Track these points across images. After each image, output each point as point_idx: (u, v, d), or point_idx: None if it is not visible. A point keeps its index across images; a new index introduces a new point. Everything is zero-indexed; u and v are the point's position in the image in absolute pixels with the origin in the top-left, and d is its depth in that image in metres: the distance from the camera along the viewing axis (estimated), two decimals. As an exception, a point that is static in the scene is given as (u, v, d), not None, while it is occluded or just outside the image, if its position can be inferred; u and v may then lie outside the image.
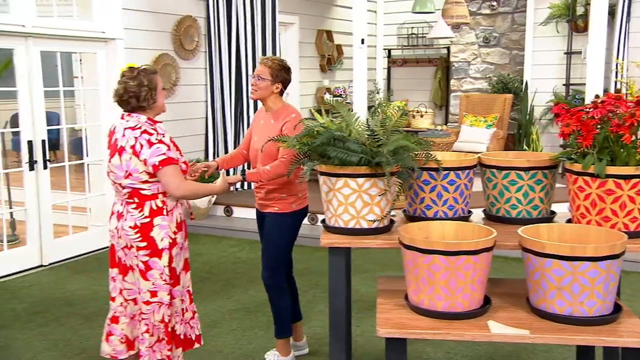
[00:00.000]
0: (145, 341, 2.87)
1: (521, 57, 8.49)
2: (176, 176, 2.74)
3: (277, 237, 3.23)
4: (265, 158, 3.15)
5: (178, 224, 2.85)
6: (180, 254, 2.89)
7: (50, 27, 5.09)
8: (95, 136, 5.72)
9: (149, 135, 2.70)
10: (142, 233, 2.75)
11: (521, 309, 2.21)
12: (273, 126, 3.16)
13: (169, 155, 2.70)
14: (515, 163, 2.57)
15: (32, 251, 5.11)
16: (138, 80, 2.75)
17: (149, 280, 2.80)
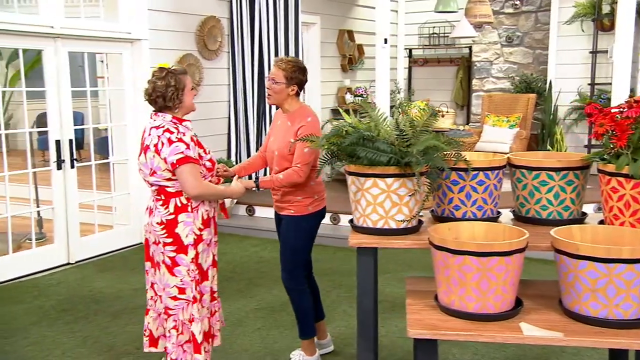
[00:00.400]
0: (172, 337, 2.90)
1: (545, 56, 8.40)
2: (192, 175, 2.76)
3: (293, 240, 3.23)
4: (280, 160, 3.16)
5: (204, 220, 2.88)
6: (208, 250, 2.92)
7: (77, 28, 5.16)
8: (121, 136, 5.79)
9: (169, 134, 2.76)
10: (167, 229, 2.81)
11: (553, 311, 2.19)
12: (289, 129, 3.13)
13: (186, 154, 2.74)
14: (546, 163, 2.54)
15: (60, 249, 5.18)
16: (166, 81, 2.81)
17: (177, 277, 2.84)
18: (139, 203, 5.82)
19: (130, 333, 3.79)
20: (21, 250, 5.08)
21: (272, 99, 3.16)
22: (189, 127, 2.91)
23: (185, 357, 2.92)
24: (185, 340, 2.92)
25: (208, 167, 2.88)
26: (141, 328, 3.82)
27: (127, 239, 5.77)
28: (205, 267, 2.92)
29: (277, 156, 3.16)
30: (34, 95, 5.17)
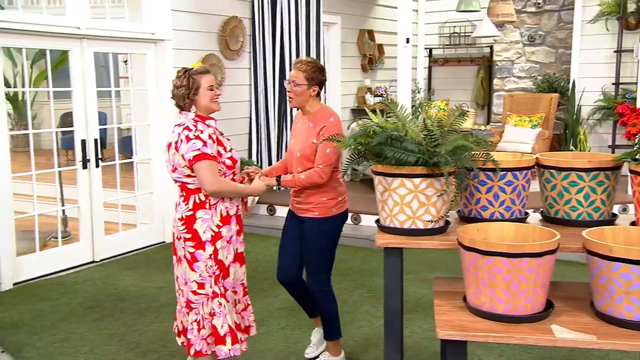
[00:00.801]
0: (194, 331, 2.95)
1: (567, 55, 8.31)
2: (209, 171, 2.80)
3: (317, 242, 3.21)
4: (303, 161, 3.15)
5: (224, 217, 2.90)
6: (228, 246, 2.93)
7: (103, 29, 5.22)
8: (144, 135, 5.84)
9: (188, 132, 2.82)
10: (187, 225, 2.87)
11: (585, 314, 2.16)
12: (311, 130, 3.12)
13: (203, 151, 2.78)
14: (576, 164, 2.51)
15: (85, 248, 5.25)
16: (180, 81, 2.88)
17: (196, 272, 2.89)
18: (162, 202, 5.88)
19: (155, 331, 3.83)
20: (47, 249, 5.15)
21: (293, 101, 3.14)
22: (212, 125, 2.94)
23: (210, 349, 2.97)
24: (207, 334, 2.96)
25: (228, 164, 2.90)
26: (166, 326, 3.87)
27: (150, 238, 5.83)
28: (227, 263, 2.94)
29: (299, 157, 3.17)
30: (57, 95, 5.24)
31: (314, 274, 3.25)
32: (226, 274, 2.94)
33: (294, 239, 3.32)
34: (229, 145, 2.97)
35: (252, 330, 3.13)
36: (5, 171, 4.55)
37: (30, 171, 5.02)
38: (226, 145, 2.94)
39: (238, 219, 3.00)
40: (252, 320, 3.13)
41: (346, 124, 8.36)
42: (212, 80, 2.93)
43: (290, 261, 3.32)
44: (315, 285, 3.26)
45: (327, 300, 3.29)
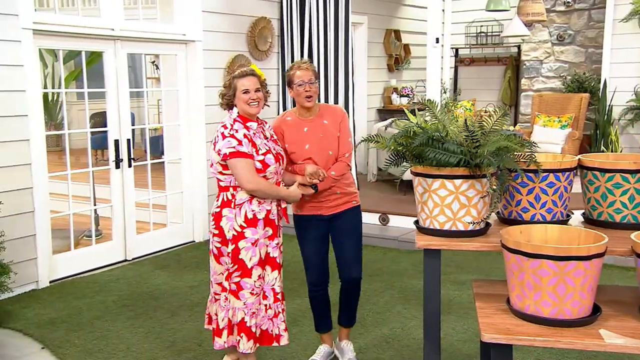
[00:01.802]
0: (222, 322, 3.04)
1: (598, 55, 8.18)
2: (246, 169, 2.87)
3: (360, 229, 3.34)
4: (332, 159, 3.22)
5: (249, 219, 2.93)
6: (253, 248, 2.96)
7: (136, 30, 5.28)
8: (174, 136, 5.89)
9: (224, 129, 2.94)
10: (215, 221, 2.98)
11: (633, 318, 2.13)
12: (328, 126, 3.20)
13: (239, 149, 2.86)
14: (621, 165, 2.48)
15: (118, 246, 5.32)
16: (224, 83, 3.03)
17: (222, 266, 3.01)
18: (191, 202, 5.93)
19: (189, 330, 3.86)
20: (80, 247, 5.23)
21: (313, 100, 3.18)
22: (252, 127, 2.99)
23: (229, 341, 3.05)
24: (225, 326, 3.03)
25: (258, 167, 2.93)
26: (200, 325, 3.90)
27: (180, 238, 5.88)
28: (250, 265, 2.97)
29: (332, 156, 3.20)
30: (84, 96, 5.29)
31: (358, 260, 3.33)
32: (246, 274, 2.97)
33: (324, 242, 3.34)
34: (265, 148, 2.97)
35: (283, 340, 3.13)
36: (43, 171, 4.62)
37: (65, 170, 5.09)
38: (260, 149, 2.95)
39: (270, 223, 3.01)
40: (284, 329, 3.13)
41: (371, 125, 8.35)
42: (249, 84, 2.94)
43: (325, 264, 3.37)
44: (361, 273, 3.34)
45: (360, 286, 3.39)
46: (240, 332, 2.99)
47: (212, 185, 6.00)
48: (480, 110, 8.22)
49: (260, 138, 2.99)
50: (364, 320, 3.97)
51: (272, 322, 3.11)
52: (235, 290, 2.98)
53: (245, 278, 2.97)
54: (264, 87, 3.04)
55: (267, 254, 3.02)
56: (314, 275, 3.35)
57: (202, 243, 5.92)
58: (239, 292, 2.98)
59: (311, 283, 3.37)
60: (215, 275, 3.06)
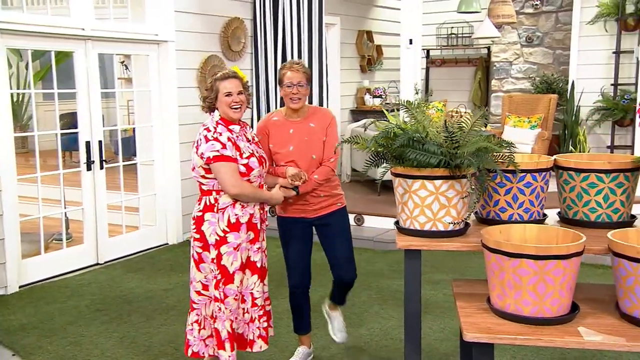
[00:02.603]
0: (193, 331, 3.00)
1: (565, 56, 8.35)
2: (229, 173, 2.83)
3: (348, 229, 3.36)
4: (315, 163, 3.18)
5: (232, 224, 2.89)
6: (235, 253, 2.92)
7: (107, 30, 5.19)
8: (147, 137, 5.81)
9: (207, 132, 2.88)
10: (196, 225, 2.92)
11: (610, 316, 2.17)
12: (315, 129, 3.16)
13: (222, 152, 2.81)
14: (596, 165, 2.53)
15: (89, 250, 5.22)
16: (207, 85, 2.97)
17: (202, 272, 2.94)
18: (165, 204, 5.86)
19: (166, 334, 3.81)
20: (50, 251, 5.11)
21: (300, 102, 3.15)
22: (235, 130, 2.95)
23: (207, 351, 3.00)
24: (207, 335, 2.99)
25: (241, 171, 2.88)
26: (176, 329, 3.86)
27: (153, 240, 5.80)
28: (232, 270, 2.92)
29: (315, 160, 3.17)
30: (51, 96, 5.19)
31: (352, 260, 3.36)
32: (229, 280, 2.93)
33: (306, 244, 3.32)
34: (248, 152, 2.93)
35: (255, 346, 3.08)
36: (11, 174, 4.51)
37: (33, 173, 4.98)
38: (244, 152, 2.92)
39: (252, 227, 2.97)
40: (258, 335, 3.09)
41: (345, 125, 8.37)
42: (231, 87, 2.89)
43: (307, 266, 3.35)
44: (354, 273, 3.37)
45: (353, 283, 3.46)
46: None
47: (185, 187, 5.95)
48: (452, 110, 8.33)
49: (243, 141, 2.95)
50: (341, 321, 3.97)
51: (247, 326, 3.08)
52: (218, 298, 2.92)
53: (228, 285, 2.93)
54: (246, 90, 2.99)
55: (248, 257, 2.99)
56: (296, 278, 3.33)
57: (176, 245, 5.85)
58: (225, 300, 2.93)
59: (292, 285, 3.36)
60: (194, 282, 2.98)
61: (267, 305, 3.15)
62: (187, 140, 5.96)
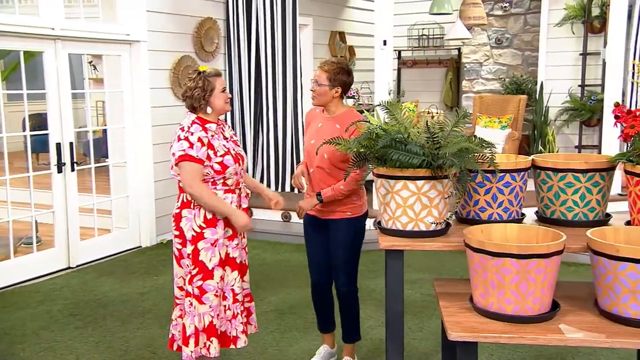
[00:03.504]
0: (178, 326, 3.02)
1: (533, 58, 8.51)
2: (189, 173, 2.85)
3: (351, 241, 3.22)
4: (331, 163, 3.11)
5: (208, 220, 2.91)
6: (213, 249, 2.93)
7: (78, 30, 5.09)
8: (119, 138, 5.72)
9: (181, 132, 2.91)
10: (175, 222, 2.97)
11: (589, 313, 2.22)
12: (339, 132, 3.09)
13: (188, 152, 2.84)
14: (573, 165, 2.58)
15: (60, 253, 5.11)
16: (195, 82, 2.92)
17: (182, 268, 2.97)
18: (138, 206, 5.77)
19: (142, 337, 3.75)
20: (19, 255, 4.99)
21: (315, 100, 3.18)
22: (211, 129, 2.96)
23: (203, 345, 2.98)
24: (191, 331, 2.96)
25: (216, 169, 2.90)
26: (153, 332, 3.81)
27: (127, 243, 5.71)
28: (210, 266, 2.93)
29: (327, 160, 3.12)
30: (17, 97, 5.07)
31: (348, 273, 3.26)
32: (208, 276, 2.93)
33: (323, 243, 3.30)
34: (223, 150, 2.93)
35: (240, 342, 3.08)
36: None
37: (3, 176, 4.85)
38: (218, 150, 2.92)
39: (230, 224, 2.97)
40: (241, 331, 3.08)
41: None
42: (224, 83, 2.99)
43: (325, 264, 3.32)
44: (347, 285, 3.27)
45: (356, 300, 3.33)
46: (209, 336, 2.94)
47: (159, 189, 5.88)
48: (423, 111, 8.40)
49: (219, 139, 2.96)
50: (320, 322, 3.97)
51: (230, 323, 3.08)
52: (198, 295, 2.92)
53: (208, 280, 2.93)
54: None
55: (227, 254, 2.99)
56: (313, 275, 3.35)
57: (149, 248, 5.77)
58: (202, 297, 2.92)
59: (312, 282, 3.37)
60: (176, 278, 3.02)
61: (246, 302, 3.15)
62: (160, 142, 5.89)
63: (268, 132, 6.63)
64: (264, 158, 6.71)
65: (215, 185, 2.93)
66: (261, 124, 6.75)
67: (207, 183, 2.92)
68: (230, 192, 2.97)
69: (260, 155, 6.76)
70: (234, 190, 2.99)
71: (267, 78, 6.59)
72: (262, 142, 6.72)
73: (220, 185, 2.94)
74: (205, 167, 2.88)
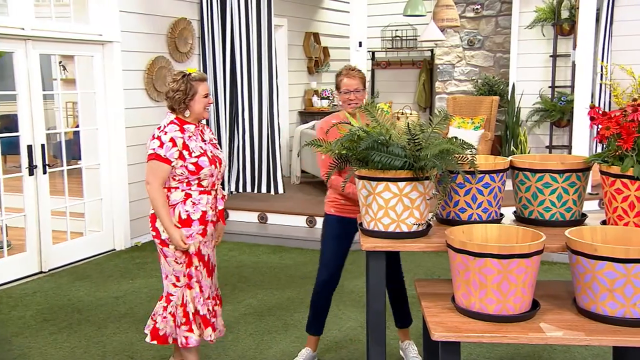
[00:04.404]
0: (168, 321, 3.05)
1: (505, 59, 8.64)
2: (151, 172, 2.90)
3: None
4: None
5: (183, 220, 2.95)
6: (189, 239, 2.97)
7: (49, 30, 4.99)
8: (92, 140, 5.62)
9: (157, 131, 2.94)
10: (151, 222, 3.00)
11: (568, 311, 2.26)
12: None
13: (157, 152, 2.88)
14: (550, 166, 2.62)
15: (32, 258, 5.00)
16: (177, 85, 2.94)
17: (170, 266, 3.01)
18: (112, 209, 5.69)
19: (120, 342, 3.69)
20: (-11, 260, 4.88)
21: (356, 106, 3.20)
22: (190, 130, 2.97)
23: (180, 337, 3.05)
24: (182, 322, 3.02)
25: (190, 169, 2.92)
26: (130, 337, 3.76)
27: (100, 246, 5.62)
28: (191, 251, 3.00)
29: None
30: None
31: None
32: (190, 263, 3.01)
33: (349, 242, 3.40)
34: (199, 151, 2.95)
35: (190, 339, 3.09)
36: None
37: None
38: (193, 151, 2.94)
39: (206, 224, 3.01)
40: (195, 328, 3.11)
41: (294, 127, 8.37)
42: (207, 89, 2.99)
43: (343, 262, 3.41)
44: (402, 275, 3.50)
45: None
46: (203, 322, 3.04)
47: (133, 191, 5.80)
48: (397, 112, 8.46)
49: (196, 141, 2.98)
50: (300, 324, 3.96)
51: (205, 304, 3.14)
52: (187, 282, 3.00)
53: (191, 267, 3.01)
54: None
55: (199, 249, 3.03)
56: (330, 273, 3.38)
57: (124, 251, 5.69)
58: (190, 281, 3.01)
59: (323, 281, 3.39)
60: (169, 276, 3.04)
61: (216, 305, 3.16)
62: (134, 143, 5.82)
63: (244, 133, 6.60)
64: (239, 159, 6.68)
65: (190, 186, 2.95)
66: (237, 125, 6.71)
67: (181, 183, 2.93)
68: (206, 193, 3.00)
69: (236, 157, 6.72)
70: (210, 191, 3.01)
71: (242, 79, 6.55)
72: (238, 143, 6.68)
73: (195, 186, 2.96)
74: (180, 167, 2.90)
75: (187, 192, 2.95)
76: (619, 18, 7.40)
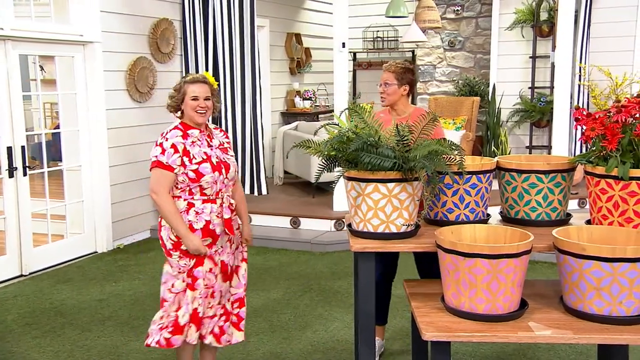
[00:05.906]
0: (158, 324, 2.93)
1: (485, 60, 8.72)
2: (155, 179, 2.82)
3: None
4: None
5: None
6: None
7: (29, 30, 4.92)
8: (73, 141, 5.55)
9: (160, 137, 2.87)
10: (158, 229, 2.92)
11: (556, 310, 2.29)
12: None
13: (159, 159, 2.80)
14: (535, 166, 2.66)
15: (12, 261, 4.92)
16: (175, 87, 2.91)
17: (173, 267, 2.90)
18: (93, 211, 5.63)
19: (104, 346, 3.65)
20: (-32, 264, 4.79)
21: (386, 101, 3.29)
22: (194, 134, 2.86)
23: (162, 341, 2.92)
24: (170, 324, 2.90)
25: (191, 177, 2.79)
26: (115, 340, 3.72)
27: (82, 249, 5.55)
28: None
29: None
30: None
31: None
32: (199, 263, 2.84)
33: None
34: (201, 157, 2.81)
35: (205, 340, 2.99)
36: None
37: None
38: (194, 157, 2.81)
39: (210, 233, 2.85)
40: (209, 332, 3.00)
41: (276, 128, 8.36)
42: (199, 92, 2.83)
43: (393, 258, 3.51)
44: None
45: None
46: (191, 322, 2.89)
47: (115, 193, 5.75)
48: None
49: (200, 146, 2.84)
50: (286, 325, 3.96)
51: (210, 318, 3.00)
52: (191, 283, 2.85)
53: (198, 267, 2.83)
54: (214, 96, 2.91)
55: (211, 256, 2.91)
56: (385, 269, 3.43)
57: (106, 254, 5.63)
58: (194, 283, 2.84)
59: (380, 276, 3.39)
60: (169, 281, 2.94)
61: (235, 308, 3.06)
62: (116, 145, 5.76)
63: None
64: (222, 160, 6.64)
65: (193, 195, 2.81)
66: (220, 126, 6.67)
67: (184, 192, 2.82)
68: (210, 202, 2.84)
69: (218, 158, 6.68)
70: (215, 200, 2.85)
71: (225, 79, 6.52)
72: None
73: (198, 194, 2.81)
74: (181, 174, 2.79)
75: (190, 201, 2.82)
76: (597, 20, 7.52)
